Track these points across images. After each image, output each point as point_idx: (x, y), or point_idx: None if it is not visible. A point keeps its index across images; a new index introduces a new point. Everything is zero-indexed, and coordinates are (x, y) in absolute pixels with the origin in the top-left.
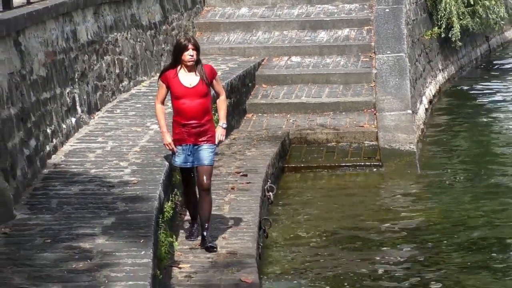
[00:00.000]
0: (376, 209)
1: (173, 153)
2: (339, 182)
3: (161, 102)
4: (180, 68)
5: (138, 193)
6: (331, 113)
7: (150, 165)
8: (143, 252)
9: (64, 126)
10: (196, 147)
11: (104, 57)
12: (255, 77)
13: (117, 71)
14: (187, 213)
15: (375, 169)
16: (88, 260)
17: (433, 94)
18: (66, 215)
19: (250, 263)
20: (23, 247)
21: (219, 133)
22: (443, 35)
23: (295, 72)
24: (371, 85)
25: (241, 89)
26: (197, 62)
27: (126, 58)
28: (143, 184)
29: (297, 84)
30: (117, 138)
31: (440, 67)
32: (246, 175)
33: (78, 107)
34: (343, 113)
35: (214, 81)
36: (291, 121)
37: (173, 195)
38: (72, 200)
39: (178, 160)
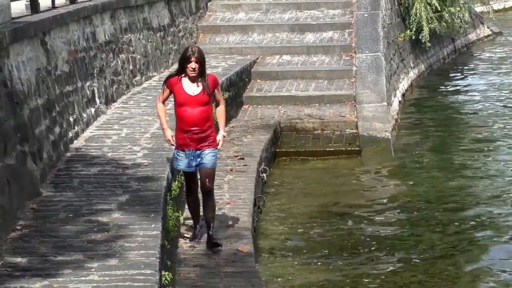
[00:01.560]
0: (356, 188)
1: (175, 148)
2: (324, 165)
3: (162, 102)
4: (185, 76)
5: (149, 173)
6: (317, 104)
7: (160, 150)
8: (153, 225)
9: (84, 115)
10: (198, 152)
11: (120, 55)
12: (251, 73)
13: (131, 67)
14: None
15: (355, 154)
16: (105, 232)
17: (406, 88)
18: (86, 192)
19: (246, 235)
20: (49, 220)
21: (219, 139)
22: (414, 37)
23: (286, 69)
24: (351, 80)
25: (238, 83)
26: (201, 73)
27: (138, 56)
28: (153, 166)
29: (287, 80)
30: (130, 126)
31: (412, 65)
32: (243, 159)
33: (97, 99)
34: (327, 104)
35: (215, 90)
36: (282, 111)
37: (179, 176)
38: (91, 179)
39: (182, 164)
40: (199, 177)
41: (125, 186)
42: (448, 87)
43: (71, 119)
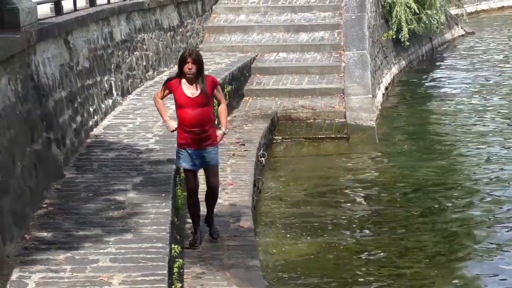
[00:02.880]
0: (344, 170)
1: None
2: (316, 150)
3: (160, 99)
4: (183, 79)
5: (160, 158)
6: (309, 96)
7: (170, 136)
8: (164, 203)
9: (103, 106)
10: (200, 151)
11: (134, 53)
12: (251, 68)
13: (144, 63)
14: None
15: (343, 140)
16: (121, 210)
17: (389, 82)
18: (104, 174)
19: (247, 213)
20: (71, 199)
21: (220, 137)
22: (395, 37)
23: (282, 65)
24: (340, 75)
25: (240, 78)
26: (199, 75)
27: (151, 54)
28: (164, 151)
29: (284, 74)
30: (144, 116)
31: (394, 61)
32: (243, 145)
33: (114, 91)
34: (319, 97)
35: (215, 90)
36: (278, 103)
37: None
38: (109, 163)
39: (184, 162)
40: (204, 175)
41: (139, 169)
42: (426, 80)
43: (91, 109)
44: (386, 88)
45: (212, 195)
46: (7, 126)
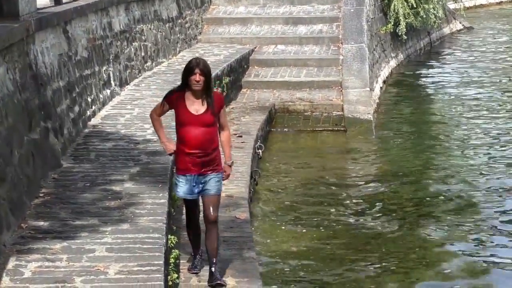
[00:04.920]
0: (341, 163)
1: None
2: (313, 143)
3: (158, 116)
4: (188, 92)
5: (157, 148)
6: (307, 89)
7: (167, 128)
8: (161, 194)
9: (101, 96)
10: (201, 177)
11: (133, 43)
12: (249, 60)
13: (143, 54)
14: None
15: (341, 133)
16: (118, 200)
17: (386, 75)
18: (101, 164)
19: (243, 204)
20: (68, 189)
21: (227, 173)
22: (393, 30)
23: (280, 57)
24: (338, 68)
25: (238, 69)
26: (207, 88)
27: (149, 44)
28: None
29: (282, 67)
30: (142, 106)
31: (392, 55)
32: (241, 136)
33: (112, 82)
34: (317, 89)
35: (222, 110)
36: (276, 95)
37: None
38: (106, 153)
39: (181, 191)
40: (201, 204)
41: (136, 159)
42: (424, 74)
43: (89, 99)
44: (384, 82)
45: (213, 233)
46: (5, 115)
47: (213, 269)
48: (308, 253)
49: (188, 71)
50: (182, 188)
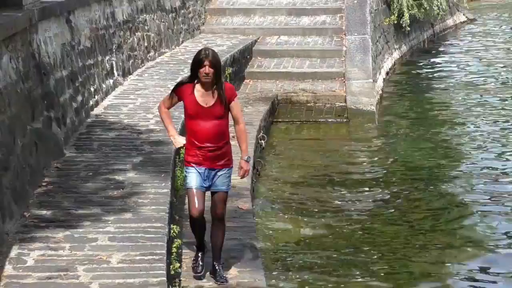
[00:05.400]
0: (343, 154)
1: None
2: (316, 134)
3: (166, 108)
4: (197, 84)
5: (160, 138)
6: (310, 80)
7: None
8: (163, 183)
9: (104, 85)
10: (212, 171)
11: (136, 33)
12: (252, 51)
13: (146, 44)
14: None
15: (343, 124)
16: (121, 189)
17: (389, 67)
18: (104, 154)
19: (246, 194)
20: (71, 178)
21: (244, 169)
22: (397, 22)
23: (283, 48)
24: (341, 59)
25: (241, 60)
26: (217, 80)
27: (152, 34)
28: (164, 131)
29: (285, 57)
30: (144, 96)
31: (395, 46)
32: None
33: (115, 71)
34: (320, 80)
35: (233, 102)
36: (279, 86)
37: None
38: (109, 142)
39: (193, 182)
40: (210, 200)
41: (139, 149)
42: (427, 65)
43: (92, 89)
44: (387, 73)
45: (219, 229)
46: (8, 104)
47: (217, 266)
48: (310, 243)
49: (197, 63)
50: (194, 179)
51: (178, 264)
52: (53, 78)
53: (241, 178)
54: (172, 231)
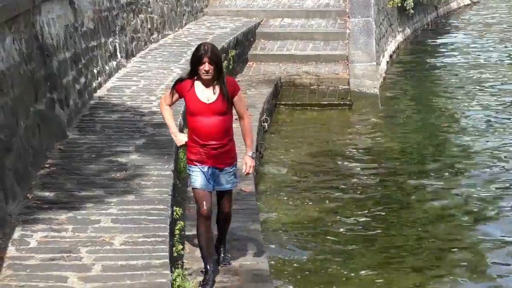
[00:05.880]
0: (346, 136)
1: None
2: (319, 116)
3: (168, 105)
4: (198, 80)
5: (163, 120)
6: (313, 63)
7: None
8: (166, 166)
9: (107, 67)
10: (215, 170)
11: (139, 15)
12: (255, 33)
13: (149, 26)
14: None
15: (346, 107)
16: (124, 171)
17: (393, 50)
18: (107, 136)
19: (249, 177)
20: (74, 160)
21: (248, 165)
22: (400, 5)
23: (287, 30)
24: (345, 42)
25: (244, 42)
26: (218, 75)
27: (156, 16)
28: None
29: (288, 40)
30: (147, 78)
31: (399, 29)
32: (247, 109)
33: (118, 53)
34: (323, 63)
35: (236, 97)
36: (282, 68)
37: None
38: (112, 124)
39: (198, 181)
40: (216, 199)
41: (142, 131)
42: (431, 49)
43: (95, 71)
44: (391, 56)
45: (224, 221)
46: (11, 85)
47: (221, 249)
48: (312, 226)
49: (196, 60)
50: (198, 179)
51: (181, 246)
52: (56, 60)
53: (246, 175)
54: (175, 213)
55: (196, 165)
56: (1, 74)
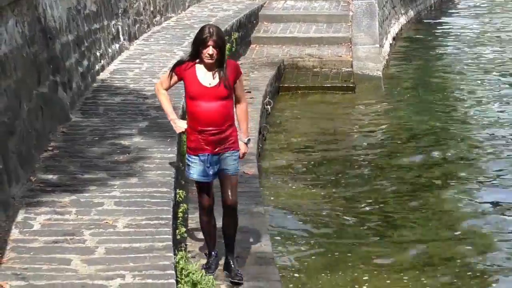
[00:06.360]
0: (349, 119)
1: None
2: (322, 99)
3: (165, 89)
4: (199, 63)
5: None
6: (316, 45)
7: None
8: (169, 148)
9: (110, 50)
10: (216, 156)
11: None
12: (258, 16)
13: (152, 8)
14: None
15: (349, 90)
16: (127, 154)
17: (396, 32)
18: (110, 119)
19: (252, 159)
20: (77, 143)
21: (242, 151)
22: None
23: (290, 13)
24: (348, 24)
25: (247, 25)
26: (221, 60)
27: None
28: (170, 96)
29: (291, 22)
30: (150, 61)
31: (402, 11)
32: (250, 92)
33: (121, 36)
34: (326, 45)
35: (237, 81)
36: (285, 51)
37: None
38: (115, 107)
39: (194, 172)
40: (220, 187)
41: (145, 114)
42: (434, 31)
43: (98, 53)
44: (394, 38)
45: (230, 219)
46: (14, 68)
47: (231, 261)
48: (315, 209)
49: (200, 42)
50: (195, 169)
51: (184, 229)
52: (59, 43)
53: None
54: (178, 195)
55: (197, 155)
56: (4, 57)
